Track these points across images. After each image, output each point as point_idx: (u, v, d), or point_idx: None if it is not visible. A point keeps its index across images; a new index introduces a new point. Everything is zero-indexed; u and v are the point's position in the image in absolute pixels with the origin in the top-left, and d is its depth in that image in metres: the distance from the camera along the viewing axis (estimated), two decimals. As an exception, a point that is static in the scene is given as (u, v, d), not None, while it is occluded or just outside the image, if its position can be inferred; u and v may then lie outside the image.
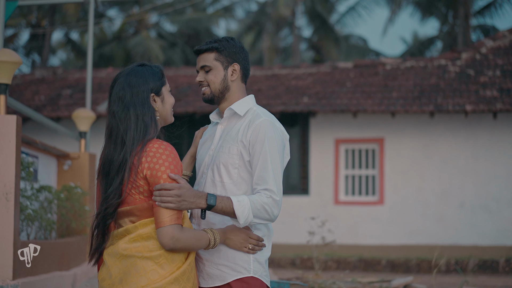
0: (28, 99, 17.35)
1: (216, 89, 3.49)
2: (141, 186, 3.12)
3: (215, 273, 3.36)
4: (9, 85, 5.86)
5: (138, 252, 3.09)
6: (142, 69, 3.27)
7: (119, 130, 3.17)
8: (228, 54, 3.49)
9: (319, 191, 15.99)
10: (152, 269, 3.07)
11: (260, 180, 3.31)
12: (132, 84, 3.21)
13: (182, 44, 30.10)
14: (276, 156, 3.35)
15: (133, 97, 3.19)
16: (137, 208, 3.14)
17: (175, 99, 16.40)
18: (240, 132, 3.41)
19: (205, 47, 3.49)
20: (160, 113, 3.32)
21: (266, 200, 3.26)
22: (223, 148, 3.43)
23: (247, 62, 3.56)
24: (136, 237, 3.12)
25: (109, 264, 3.16)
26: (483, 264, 13.71)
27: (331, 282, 7.37)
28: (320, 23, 29.25)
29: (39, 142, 7.12)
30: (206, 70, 3.50)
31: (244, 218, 3.22)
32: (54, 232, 7.39)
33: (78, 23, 27.19)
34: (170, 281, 3.07)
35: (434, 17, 28.48)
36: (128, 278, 3.08)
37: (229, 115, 3.52)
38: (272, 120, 3.42)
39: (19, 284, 5.38)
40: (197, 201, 3.15)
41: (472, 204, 15.18)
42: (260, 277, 3.38)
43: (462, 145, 15.40)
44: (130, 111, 3.17)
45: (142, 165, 3.11)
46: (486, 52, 16.78)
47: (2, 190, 5.43)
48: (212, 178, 3.43)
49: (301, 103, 15.82)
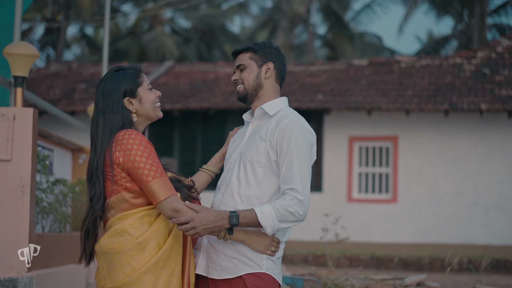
0: (43, 93, 17.42)
1: (249, 85, 3.56)
2: (118, 173, 3.24)
3: (227, 265, 3.39)
4: (26, 78, 5.88)
5: (113, 249, 3.20)
6: (115, 74, 3.40)
7: (93, 136, 3.34)
8: (263, 54, 3.57)
9: (332, 188, 15.98)
10: (126, 263, 3.18)
11: (286, 180, 3.34)
12: (104, 92, 3.37)
13: (196, 40, 30.11)
14: (302, 156, 3.36)
15: (104, 104, 3.35)
16: (112, 202, 3.27)
17: (190, 95, 16.54)
18: (268, 131, 3.44)
19: (242, 48, 3.60)
20: (140, 113, 3.42)
21: (289, 202, 3.28)
22: (251, 146, 3.47)
23: (282, 64, 3.62)
24: (112, 233, 3.24)
25: (98, 261, 3.31)
26: (496, 263, 13.67)
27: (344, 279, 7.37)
28: (335, 20, 29.20)
29: (54, 136, 7.14)
30: (241, 69, 3.58)
31: (270, 227, 3.27)
32: (69, 225, 7.41)
33: (93, 18, 27.26)
34: (143, 272, 3.17)
35: (449, 16, 28.36)
36: (108, 273, 3.23)
37: (260, 115, 3.57)
38: (299, 121, 3.44)
39: (34, 276, 5.41)
40: (219, 223, 3.23)
41: (486, 203, 15.12)
42: (272, 273, 3.40)
43: (476, 144, 15.33)
44: (99, 118, 3.32)
45: (114, 154, 3.23)
46: (501, 51, 16.70)
47: (18, 182, 5.45)
48: (238, 175, 3.46)
49: (316, 100, 15.80)
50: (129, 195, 3.25)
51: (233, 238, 3.32)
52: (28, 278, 5.35)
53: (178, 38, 29.55)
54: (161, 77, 18.28)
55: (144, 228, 3.22)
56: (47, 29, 28.22)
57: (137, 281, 3.16)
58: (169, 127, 16.98)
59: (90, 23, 28.78)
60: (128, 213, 3.23)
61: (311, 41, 29.67)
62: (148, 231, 3.21)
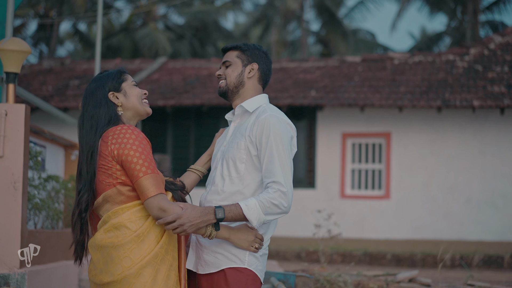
0: (35, 89, 17.38)
1: (231, 82, 3.62)
2: (113, 166, 3.26)
3: (211, 260, 3.44)
4: (18, 74, 5.87)
5: (111, 243, 3.21)
6: (99, 76, 3.50)
7: (80, 134, 3.39)
8: (250, 54, 3.64)
9: (325, 184, 15.99)
10: (125, 256, 3.19)
11: (268, 173, 3.39)
12: (89, 92, 3.44)
13: (189, 37, 30.08)
14: (282, 148, 3.41)
15: (90, 103, 3.41)
16: (108, 195, 3.28)
17: (183, 91, 16.53)
18: (247, 127, 3.50)
19: (231, 45, 3.67)
20: (126, 106, 3.46)
21: (273, 195, 3.33)
22: (233, 143, 3.52)
23: (267, 68, 3.68)
24: (109, 227, 3.24)
25: (92, 256, 3.30)
26: (488, 259, 13.71)
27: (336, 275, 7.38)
28: (329, 17, 29.21)
29: (47, 132, 7.13)
30: (226, 65, 3.65)
31: (256, 219, 3.32)
32: (61, 221, 7.40)
33: (86, 14, 27.18)
34: (143, 265, 3.19)
35: (442, 13, 28.39)
36: (106, 267, 3.22)
37: (241, 113, 3.63)
38: (277, 114, 3.49)
39: (26, 272, 5.40)
40: (205, 218, 3.27)
41: (479, 199, 15.16)
42: (254, 269, 3.45)
43: (469, 140, 15.37)
44: (85, 115, 3.39)
45: (109, 146, 3.26)
46: (494, 48, 16.73)
47: (10, 179, 5.44)
48: (221, 172, 3.52)
49: (309, 96, 15.81)
50: (125, 188, 3.27)
51: (218, 236, 3.35)
52: (20, 275, 5.34)
53: (172, 34, 29.51)
54: (154, 74, 18.26)
55: (142, 221, 3.24)
56: (40, 25, 28.12)
57: (137, 274, 3.17)
58: (162, 123, 16.97)
59: (83, 19, 28.69)
60: (124, 207, 3.25)
61: (304, 37, 29.66)
62: (146, 224, 3.23)
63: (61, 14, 26.81)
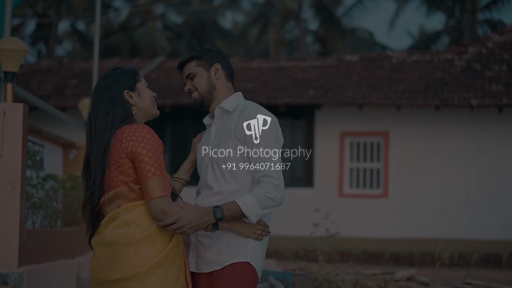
0: (34, 89, 17.38)
1: (203, 90, 3.64)
2: (125, 163, 3.26)
3: (214, 258, 3.46)
4: (16, 74, 5.88)
5: (121, 239, 3.19)
6: (113, 72, 3.47)
7: (91, 130, 3.35)
8: (208, 58, 3.66)
9: (323, 183, 16.00)
10: (136, 254, 3.17)
11: (258, 168, 3.42)
12: (103, 87, 3.40)
13: (188, 36, 30.07)
14: (269, 141, 3.44)
15: (104, 98, 3.37)
16: (119, 192, 3.27)
17: (181, 90, 16.52)
18: (232, 126, 3.52)
19: (185, 59, 3.70)
20: (139, 106, 3.48)
21: (266, 188, 3.36)
22: (219, 145, 3.54)
23: (228, 63, 3.71)
24: (119, 223, 3.23)
25: (97, 253, 3.28)
26: (486, 258, 13.71)
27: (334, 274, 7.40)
28: (327, 16, 29.20)
29: (45, 131, 7.13)
30: (191, 78, 3.68)
31: (254, 215, 3.35)
32: (60, 220, 7.41)
33: (84, 13, 27.18)
34: (154, 265, 3.18)
35: (440, 11, 28.37)
36: (114, 264, 3.19)
37: (221, 113, 3.64)
38: (258, 109, 3.52)
39: (24, 271, 5.41)
40: (205, 219, 3.30)
41: (477, 198, 15.17)
42: (255, 265, 3.47)
43: (467, 139, 15.38)
44: (99, 110, 3.35)
45: (124, 143, 3.25)
46: (492, 46, 16.75)
47: (8, 178, 5.45)
48: (214, 175, 3.54)
49: (307, 95, 15.82)
50: (137, 186, 3.28)
51: (220, 227, 3.38)
52: (19, 274, 5.35)
53: (170, 33, 29.50)
54: (152, 73, 18.26)
55: (152, 220, 3.24)
56: (38, 24, 28.10)
57: (148, 273, 3.17)
58: (161, 122, 16.97)
59: (81, 18, 28.69)
60: (135, 204, 3.26)
61: (302, 36, 29.66)
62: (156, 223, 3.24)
63: (59, 13, 26.80)
